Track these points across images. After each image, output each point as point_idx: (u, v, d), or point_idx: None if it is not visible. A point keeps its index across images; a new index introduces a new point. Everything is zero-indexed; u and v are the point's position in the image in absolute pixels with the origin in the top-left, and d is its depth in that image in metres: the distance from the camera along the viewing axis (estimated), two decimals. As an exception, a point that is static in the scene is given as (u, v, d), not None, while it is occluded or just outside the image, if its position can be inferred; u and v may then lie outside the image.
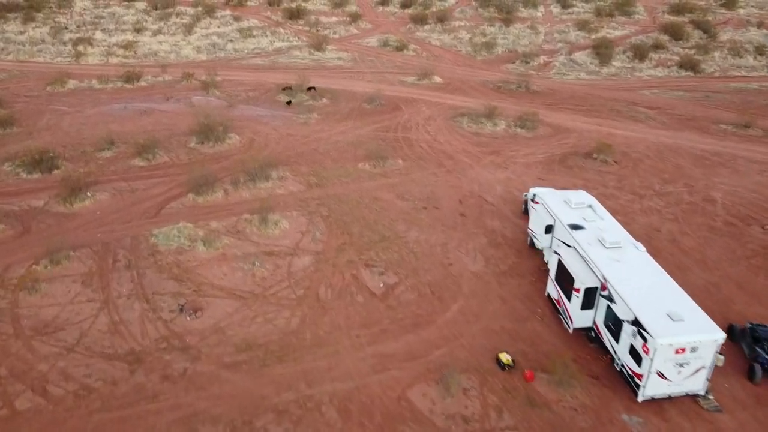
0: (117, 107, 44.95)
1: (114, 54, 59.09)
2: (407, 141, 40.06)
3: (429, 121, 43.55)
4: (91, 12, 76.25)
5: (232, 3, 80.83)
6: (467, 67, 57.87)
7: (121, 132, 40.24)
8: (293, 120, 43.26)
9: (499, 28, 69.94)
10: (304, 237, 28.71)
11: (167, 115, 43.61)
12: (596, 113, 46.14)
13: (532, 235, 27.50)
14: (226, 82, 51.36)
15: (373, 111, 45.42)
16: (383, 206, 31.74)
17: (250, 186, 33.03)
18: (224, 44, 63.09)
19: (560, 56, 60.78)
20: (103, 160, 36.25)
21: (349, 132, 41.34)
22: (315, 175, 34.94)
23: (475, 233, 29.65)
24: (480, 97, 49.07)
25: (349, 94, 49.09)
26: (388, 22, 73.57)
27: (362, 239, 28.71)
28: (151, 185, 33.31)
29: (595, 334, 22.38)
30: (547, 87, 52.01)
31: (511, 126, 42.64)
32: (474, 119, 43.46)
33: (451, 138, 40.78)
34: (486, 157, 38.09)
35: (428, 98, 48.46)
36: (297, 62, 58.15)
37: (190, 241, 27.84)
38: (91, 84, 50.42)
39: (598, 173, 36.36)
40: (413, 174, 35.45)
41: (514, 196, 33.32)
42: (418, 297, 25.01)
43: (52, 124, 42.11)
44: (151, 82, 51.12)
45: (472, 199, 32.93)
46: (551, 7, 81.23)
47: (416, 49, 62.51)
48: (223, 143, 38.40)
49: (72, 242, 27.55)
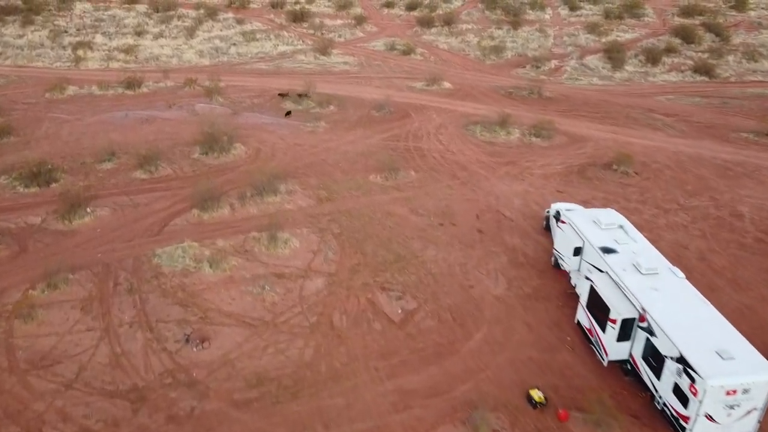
0: (118, 115, 43.30)
1: (115, 58, 57.45)
2: (419, 151, 38.43)
3: (440, 130, 41.92)
4: (91, 15, 74.62)
5: (234, 5, 79.18)
6: (476, 71, 56.23)
7: (122, 142, 38.60)
8: (300, 128, 41.63)
9: (508, 31, 68.29)
10: (315, 257, 27.09)
11: (170, 123, 41.97)
12: (612, 121, 44.50)
13: (558, 257, 25.87)
14: (230, 87, 49.73)
15: (383, 119, 43.79)
16: (397, 222, 30.12)
17: (257, 200, 31.41)
18: (227, 48, 61.45)
19: (571, 60, 59.14)
20: (104, 173, 34.61)
21: (358, 141, 39.71)
22: (325, 188, 33.32)
23: (494, 252, 28.03)
24: (491, 103, 47.43)
25: (356, 100, 47.45)
26: (393, 25, 71.92)
27: (377, 259, 27.09)
28: (153, 199, 31.68)
29: (632, 367, 20.78)
30: (560, 93, 50.37)
31: (526, 135, 41.01)
32: (487, 127, 41.82)
33: (464, 147, 39.14)
34: (501, 167, 36.46)
35: (438, 105, 46.82)
36: (302, 67, 56.49)
37: (195, 262, 26.23)
38: (91, 90, 48.78)
39: (618, 185, 34.74)
40: (427, 187, 33.83)
41: (533, 210, 31.70)
42: (438, 324, 23.40)
43: (50, 132, 40.47)
44: (153, 88, 49.48)
45: (490, 213, 31.31)
46: (559, 10, 79.56)
47: (424, 53, 60.88)
48: (228, 154, 36.78)
49: (71, 263, 25.94)
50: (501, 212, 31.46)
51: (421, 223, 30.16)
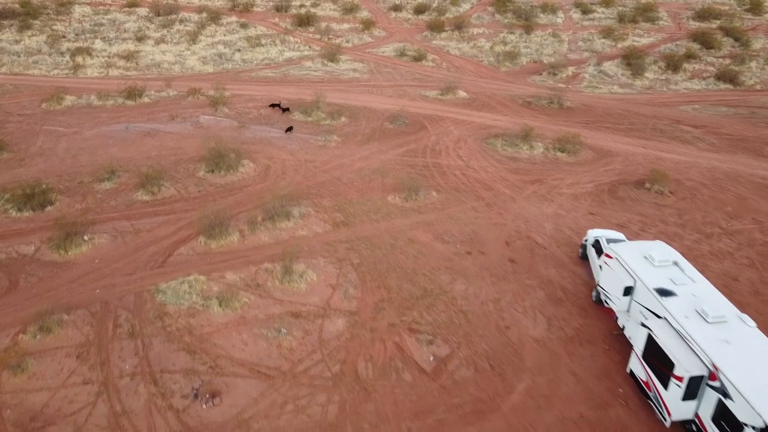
0: (118, 128, 40.69)
1: (114, 65, 54.80)
2: (438, 168, 35.88)
3: (459, 144, 39.35)
4: (91, 19, 71.92)
5: (237, 9, 76.54)
6: (491, 79, 53.65)
7: (123, 158, 36.03)
8: (311, 143, 39.04)
9: (520, 36, 65.70)
10: (334, 292, 24.53)
11: (173, 137, 39.36)
12: (638, 133, 41.97)
13: (604, 295, 23.31)
14: (235, 97, 47.14)
15: (397, 131, 41.22)
16: (421, 251, 27.57)
17: (268, 226, 28.84)
18: (231, 54, 58.80)
19: (589, 67, 56.56)
20: (103, 194, 32.02)
21: (373, 157, 37.14)
22: (340, 210, 30.76)
23: (530, 285, 25.49)
24: (510, 114, 44.90)
25: (368, 111, 44.88)
26: (402, 30, 69.29)
27: (402, 294, 24.54)
28: (156, 224, 29.10)
29: (698, 429, 18.27)
30: (580, 102, 47.81)
31: (550, 149, 38.46)
32: (508, 141, 39.27)
33: (486, 164, 36.59)
34: (528, 187, 33.91)
35: (454, 116, 44.26)
36: (310, 74, 53.90)
37: (203, 299, 23.67)
38: (90, 100, 46.14)
39: (654, 206, 32.21)
40: (450, 209, 31.28)
41: (566, 236, 29.16)
42: (475, 373, 20.86)
43: (46, 148, 37.86)
44: (155, 98, 46.86)
45: (520, 240, 28.76)
46: (571, 13, 76.96)
47: (435, 60, 58.27)
48: (235, 172, 34.19)
49: (66, 301, 23.39)
50: (532, 238, 28.91)
51: (447, 251, 27.60)
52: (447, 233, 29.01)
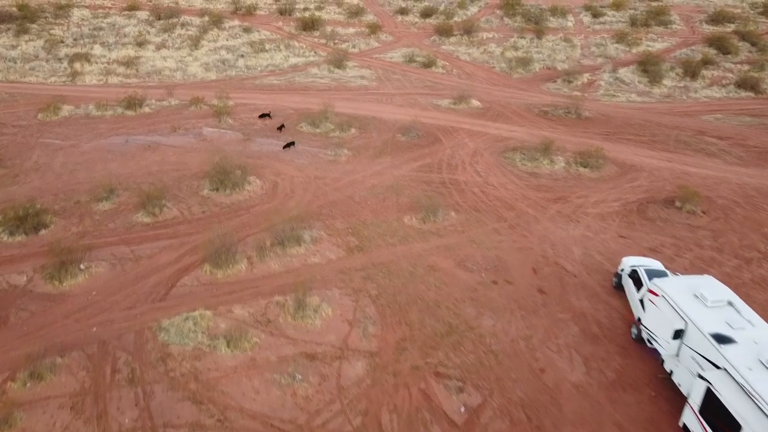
0: (117, 141, 38.55)
1: (114, 72, 52.66)
2: (455, 185, 33.77)
3: (476, 158, 37.25)
4: (90, 22, 69.75)
5: (240, 12, 74.37)
6: (504, 86, 51.54)
7: (122, 174, 33.92)
8: (320, 157, 36.92)
9: (531, 41, 63.61)
10: (352, 329, 22.42)
11: (175, 151, 37.23)
12: (662, 145, 39.88)
13: (648, 334, 21.23)
14: (240, 106, 45.02)
15: (410, 144, 39.11)
16: (443, 279, 25.47)
17: (278, 251, 26.73)
18: (234, 60, 56.65)
19: (604, 74, 54.47)
20: (101, 215, 29.89)
21: (386, 173, 35.03)
22: (354, 233, 28.65)
23: (562, 320, 23.40)
24: (526, 124, 42.80)
25: (378, 122, 42.77)
26: (409, 34, 67.17)
27: (425, 331, 22.45)
28: (157, 250, 26.98)
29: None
30: (599, 111, 45.72)
31: (572, 164, 36.36)
32: (527, 155, 37.18)
33: (506, 180, 34.49)
34: (551, 206, 31.82)
35: (469, 127, 42.16)
36: (316, 82, 51.77)
37: (209, 339, 21.57)
38: (88, 110, 44.01)
39: (687, 228, 30.13)
40: (471, 231, 29.18)
41: (597, 262, 27.07)
42: (511, 426, 18.77)
43: (42, 163, 35.73)
44: (156, 108, 44.73)
45: (548, 267, 26.67)
46: (581, 16, 74.88)
47: (445, 66, 56.15)
48: (241, 190, 32.07)
49: (60, 341, 21.30)
50: (561, 265, 26.81)
51: (471, 280, 25.50)
52: (470, 259, 26.90)
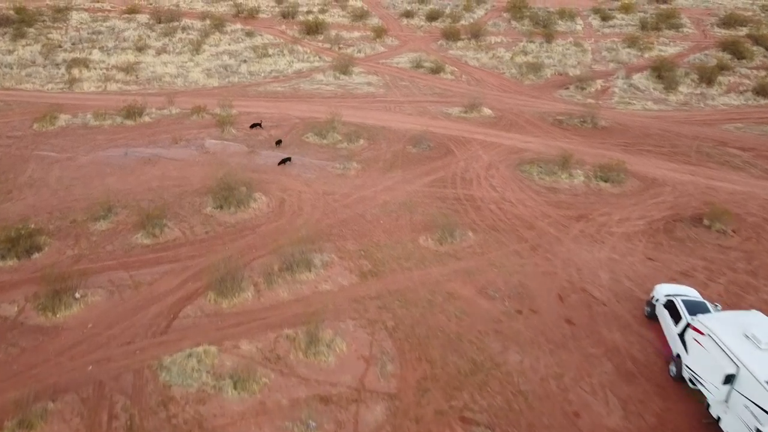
0: (116, 153, 36.73)
1: (113, 79, 50.83)
2: (471, 201, 31.98)
3: (491, 171, 35.45)
4: (89, 26, 67.90)
5: (242, 15, 72.50)
6: (515, 93, 49.75)
7: (121, 190, 32.12)
8: (328, 171, 35.10)
9: (541, 45, 61.80)
10: (369, 368, 20.63)
11: (176, 164, 35.41)
12: (683, 158, 38.09)
13: (692, 376, 19.43)
14: (243, 115, 43.20)
15: (421, 156, 37.30)
16: (463, 309, 23.67)
17: (287, 277, 24.92)
18: (237, 66, 54.84)
19: (618, 80, 52.68)
20: (98, 236, 28.07)
21: (398, 188, 33.22)
22: (367, 256, 26.84)
23: (594, 355, 21.62)
24: (541, 135, 41.01)
25: (387, 132, 40.96)
26: (416, 38, 65.33)
27: (447, 369, 20.66)
28: (158, 276, 25.17)
29: None
30: (615, 120, 43.93)
31: (592, 178, 34.56)
32: (544, 168, 35.38)
33: (524, 196, 32.70)
34: (573, 224, 30.03)
35: (482, 137, 40.35)
36: (321, 89, 49.95)
37: (215, 379, 19.78)
38: (86, 120, 42.20)
39: (717, 249, 28.34)
40: (490, 253, 27.38)
41: (626, 288, 25.28)
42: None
43: (37, 177, 33.91)
44: (156, 117, 42.91)
45: (575, 294, 24.88)
46: (590, 20, 73.06)
47: (454, 72, 54.33)
48: (246, 208, 30.26)
49: (53, 382, 19.52)
50: (588, 291, 25.02)
51: (494, 309, 23.71)
52: (491, 285, 25.10)
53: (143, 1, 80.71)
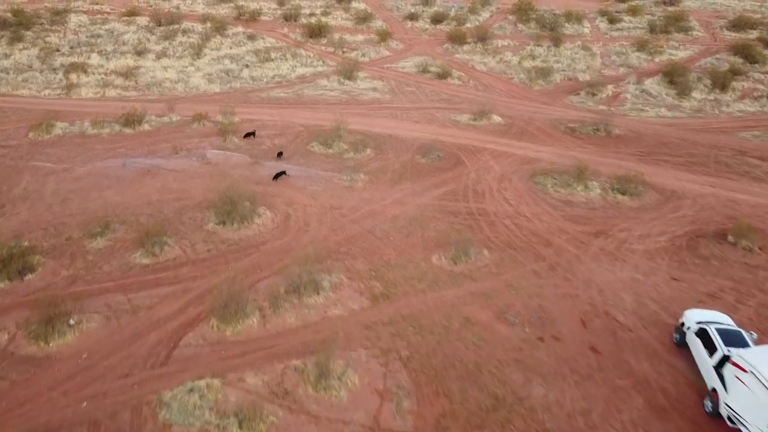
0: (114, 164, 35.27)
1: (111, 84, 49.37)
2: (484, 216, 30.53)
3: (503, 183, 34.00)
4: (87, 29, 66.38)
5: (243, 17, 71.00)
6: (524, 99, 48.30)
7: (119, 204, 30.66)
8: (334, 182, 33.64)
9: (548, 49, 60.33)
10: (383, 403, 19.19)
11: (177, 176, 33.94)
12: (701, 168, 36.64)
13: (732, 415, 17.99)
14: (245, 123, 41.76)
15: (431, 167, 35.85)
16: (482, 336, 22.22)
17: (294, 301, 23.47)
18: (239, 71, 53.37)
19: (629, 85, 51.23)
20: (94, 254, 26.60)
21: (407, 201, 31.77)
22: (378, 277, 25.38)
23: (622, 388, 20.18)
24: (554, 143, 39.56)
25: (395, 141, 39.50)
26: (421, 41, 63.86)
27: (467, 405, 19.21)
28: (157, 299, 23.72)
29: None
30: (629, 128, 42.47)
31: (609, 191, 33.12)
32: (559, 180, 33.94)
33: (539, 209, 31.26)
34: (592, 241, 28.57)
35: (493, 146, 38.90)
36: (326, 95, 48.48)
37: (218, 417, 18.32)
38: (83, 127, 40.75)
39: (745, 268, 26.88)
40: (507, 273, 25.92)
41: (651, 311, 23.84)
42: None
43: (31, 190, 32.45)
44: (156, 125, 41.44)
45: (598, 318, 23.44)
46: (597, 22, 71.58)
47: (461, 77, 52.86)
48: (250, 224, 28.80)
49: (45, 421, 18.09)
50: (612, 315, 23.58)
51: (514, 336, 22.27)
52: (509, 309, 23.66)
53: (143, 4, 79.22)
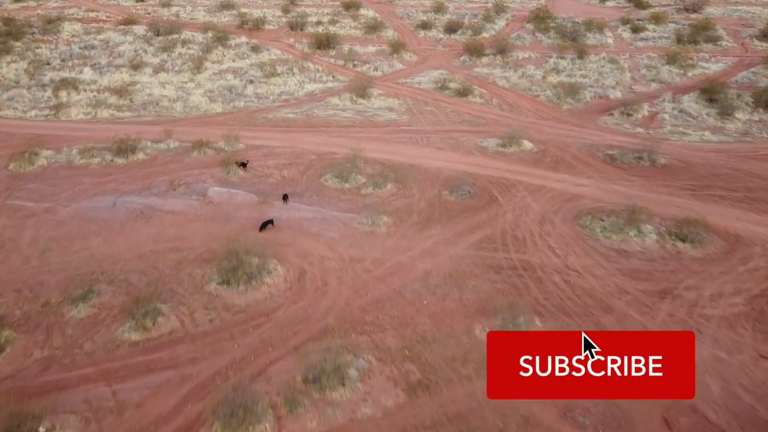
0: (103, 204, 30.77)
1: (104, 103, 44.82)
2: (530, 270, 26.06)
3: (545, 227, 29.55)
4: (81, 39, 61.80)
5: (246, 26, 66.40)
6: (555, 121, 43.81)
7: (107, 257, 26.20)
8: (354, 227, 29.16)
9: (572, 62, 55.78)
10: None
11: (174, 220, 29.45)
12: (763, 205, 32.15)
13: None
14: (251, 150, 37.30)
15: (461, 206, 31.37)
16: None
17: (314, 395, 19.05)
18: (243, 87, 48.84)
19: (665, 103, 46.72)
20: (75, 326, 22.13)
21: (439, 252, 27.30)
22: (413, 358, 20.94)
23: None
24: (594, 175, 35.09)
25: (418, 172, 35.02)
26: (436, 53, 59.29)
27: None
28: (148, 392, 19.28)
29: None
30: (674, 155, 37.95)
31: (666, 236, 28.67)
32: (608, 223, 29.47)
33: (590, 262, 26.80)
34: (658, 305, 24.12)
35: (526, 179, 34.43)
36: (338, 116, 43.97)
37: None
38: (71, 156, 36.24)
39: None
40: (566, 351, 21.45)
41: (746, 405, 19.42)
42: None
43: (6, 239, 27.94)
44: (152, 153, 36.93)
45: (684, 416, 18.98)
46: (620, 31, 67.00)
47: (483, 95, 48.33)
48: (259, 284, 24.35)
49: None
50: (699, 411, 19.13)
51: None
52: (576, 405, 19.22)
53: (141, 10, 74.60)
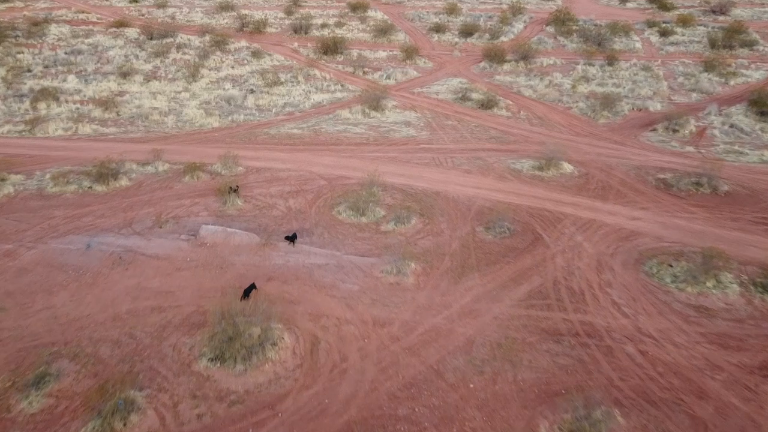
0: (75, 246, 25.41)
1: (87, 117, 39.50)
2: (596, 338, 20.75)
3: (604, 274, 24.24)
4: (68, 43, 56.40)
5: (247, 29, 60.97)
6: (591, 137, 38.50)
7: (73, 320, 20.90)
8: (375, 276, 23.81)
9: (602, 69, 50.46)
10: None
11: (158, 267, 24.10)
12: None
13: None
14: (252, 175, 32.04)
15: (500, 246, 26.05)
16: None
17: None
18: (242, 98, 43.52)
19: (710, 116, 41.45)
20: (22, 427, 16.83)
21: (481, 310, 21.98)
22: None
23: None
24: (650, 206, 29.80)
25: (445, 201, 29.73)
26: (453, 59, 53.89)
27: None
28: None
29: None
30: (735, 180, 32.70)
31: (751, 288, 23.40)
32: (678, 270, 24.20)
33: (666, 323, 21.50)
34: (761, 386, 18.84)
35: (572, 211, 29.14)
36: (349, 131, 38.64)
37: None
38: (42, 183, 30.95)
39: None
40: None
41: None
42: None
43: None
44: (137, 178, 31.64)
45: None
46: (647, 35, 61.65)
47: (509, 106, 42.99)
48: (261, 361, 19.03)
49: None
50: None
51: None
52: None
53: (134, 12, 69.14)
